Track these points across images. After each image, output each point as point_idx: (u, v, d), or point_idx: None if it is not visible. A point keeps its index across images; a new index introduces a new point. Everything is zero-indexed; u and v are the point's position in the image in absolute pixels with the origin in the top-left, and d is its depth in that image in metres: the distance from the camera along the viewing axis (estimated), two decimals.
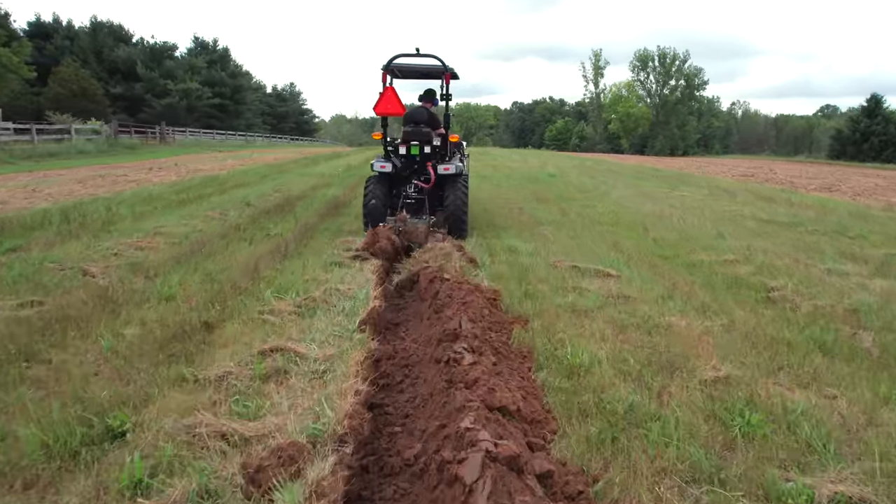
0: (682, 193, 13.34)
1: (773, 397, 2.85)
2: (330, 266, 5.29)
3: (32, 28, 46.46)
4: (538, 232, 7.64)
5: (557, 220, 8.78)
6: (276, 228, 7.30)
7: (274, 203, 9.46)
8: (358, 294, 4.35)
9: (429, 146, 7.07)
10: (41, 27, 46.78)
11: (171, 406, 2.60)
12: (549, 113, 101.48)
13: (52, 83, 38.75)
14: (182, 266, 5.16)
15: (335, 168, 17.72)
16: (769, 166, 31.25)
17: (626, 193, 12.73)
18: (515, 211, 9.67)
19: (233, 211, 8.63)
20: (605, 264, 5.78)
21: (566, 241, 6.98)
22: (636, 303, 4.52)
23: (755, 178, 20.46)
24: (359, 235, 6.92)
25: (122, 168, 16.88)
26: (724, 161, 39.72)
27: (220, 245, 6.16)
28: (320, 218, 8.15)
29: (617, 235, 7.61)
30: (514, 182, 14.96)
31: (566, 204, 10.76)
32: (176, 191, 10.77)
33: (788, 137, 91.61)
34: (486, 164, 21.80)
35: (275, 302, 4.15)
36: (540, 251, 6.31)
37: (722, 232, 8.02)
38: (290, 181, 13.41)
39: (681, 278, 5.40)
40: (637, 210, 10.11)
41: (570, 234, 7.63)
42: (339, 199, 10.12)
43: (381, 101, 6.97)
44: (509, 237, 7.11)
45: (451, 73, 7.21)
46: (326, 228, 7.37)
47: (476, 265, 5.54)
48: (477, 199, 10.83)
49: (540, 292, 4.66)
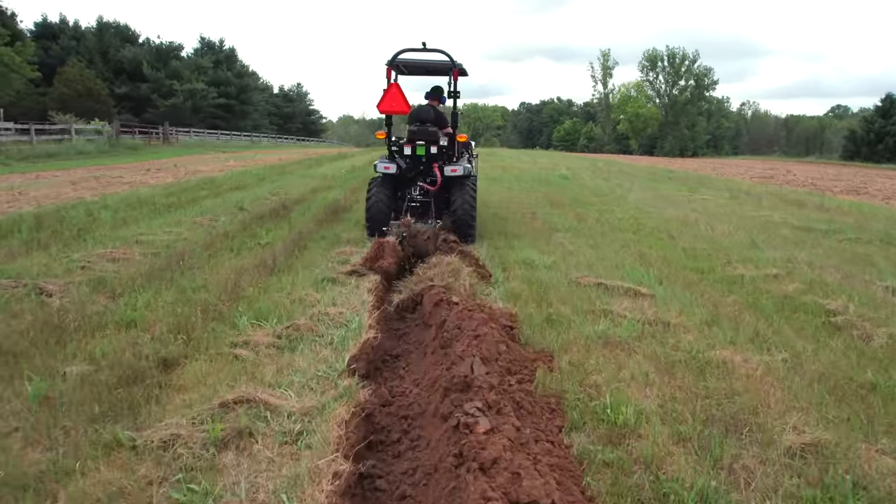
0: (702, 197, 12.60)
1: (887, 476, 2.16)
2: (322, 283, 4.65)
3: (39, 28, 46.38)
4: (555, 240, 6.96)
5: (574, 226, 8.09)
6: (267, 236, 6.67)
7: (269, 208, 8.84)
8: (351, 321, 3.71)
9: (435, 146, 6.70)
10: (48, 27, 46.69)
11: (89, 489, 1.96)
12: (556, 113, 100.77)
13: (57, 83, 38.58)
14: (154, 282, 4.53)
15: (338, 170, 17.11)
16: (785, 167, 30.32)
17: (644, 197, 12.02)
18: (528, 216, 8.99)
19: (224, 216, 8.01)
20: (634, 280, 5.11)
21: (587, 252, 6.30)
22: (678, 331, 3.84)
23: (775, 181, 19.64)
24: (357, 245, 6.28)
25: (120, 169, 16.37)
26: (738, 162, 38.78)
27: (203, 256, 5.53)
28: (317, 224, 7.53)
29: (641, 245, 6.92)
30: (526, 184, 14.28)
31: (582, 208, 10.07)
32: (168, 193, 10.19)
33: (799, 138, 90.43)
34: (494, 166, 21.12)
35: (251, 331, 3.51)
36: (559, 264, 5.63)
37: (756, 241, 7.31)
38: (289, 183, 12.80)
39: (722, 298, 4.70)
40: (659, 215, 9.40)
41: (589, 242, 6.95)
42: (339, 204, 9.50)
43: (386, 99, 6.61)
44: (524, 247, 6.44)
45: (459, 69, 6.80)
46: (323, 237, 6.73)
47: (488, 281, 4.89)
48: (486, 203, 10.17)
49: (564, 317, 3.99)
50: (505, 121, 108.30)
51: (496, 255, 6.01)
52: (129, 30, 50.47)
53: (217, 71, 53.41)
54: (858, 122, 57.94)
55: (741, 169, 27.37)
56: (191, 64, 51.94)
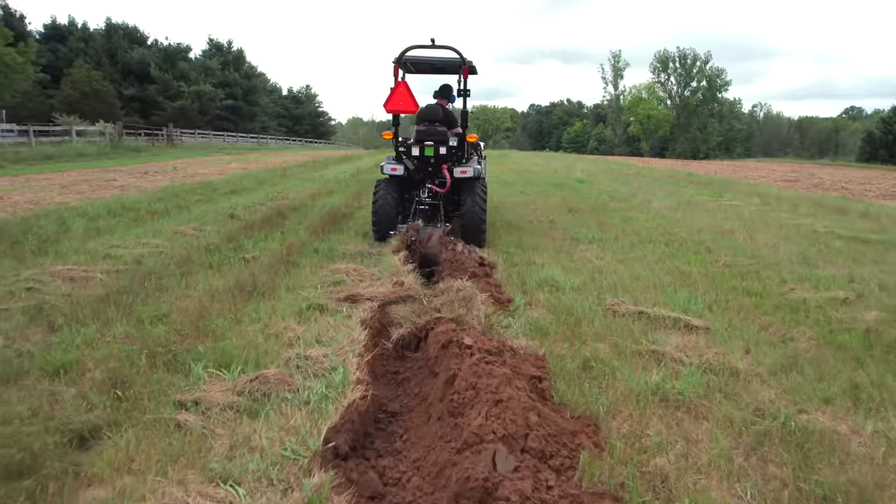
0: (731, 202, 11.69)
1: None
2: (307, 311, 3.87)
3: (48, 30, 46.38)
4: (579, 254, 6.14)
5: (598, 236, 7.26)
6: (255, 249, 5.92)
7: (263, 215, 8.10)
8: (336, 368, 2.92)
9: (444, 147, 6.43)
10: (56, 30, 46.66)
11: None
12: (566, 115, 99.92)
13: (64, 85, 38.35)
14: (107, 310, 3.78)
15: (342, 173, 16.39)
16: (807, 170, 29.19)
17: (668, 203, 11.15)
18: (546, 225, 8.17)
19: (211, 225, 7.28)
20: (679, 306, 4.29)
21: (617, 269, 5.47)
22: (751, 382, 3.02)
23: (801, 185, 18.64)
24: (355, 260, 5.51)
25: (117, 172, 15.77)
26: (758, 165, 37.60)
27: (175, 275, 4.78)
28: (313, 234, 6.76)
29: (677, 259, 6.08)
30: (540, 189, 13.45)
31: (604, 216, 9.23)
32: (157, 198, 9.50)
33: (812, 140, 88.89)
34: (506, 169, 20.33)
35: (207, 383, 2.74)
36: (588, 285, 4.81)
37: (807, 255, 6.44)
38: (289, 187, 12.08)
39: (790, 331, 3.86)
40: (689, 224, 8.54)
41: (617, 256, 6.13)
42: (339, 210, 8.74)
43: (393, 97, 6.36)
44: (545, 263, 5.62)
45: (469, 67, 6.52)
46: (316, 249, 5.97)
47: (506, 308, 4.08)
48: (499, 210, 9.38)
49: (605, 361, 3.18)
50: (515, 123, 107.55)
51: (514, 274, 5.20)
52: (137, 31, 50.33)
53: (225, 72, 53.13)
54: (875, 124, 56.75)
55: (761, 172, 26.31)
56: (198, 65, 51.70)
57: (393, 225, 6.29)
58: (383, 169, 6.51)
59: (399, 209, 6.53)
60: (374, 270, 5.10)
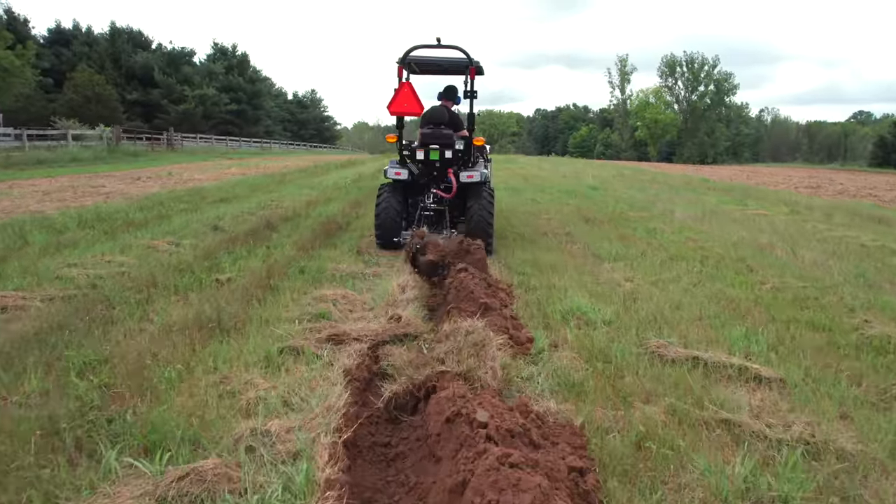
0: (758, 211, 10.85)
1: None
2: (279, 358, 3.09)
3: (52, 34, 46.18)
4: (605, 275, 5.34)
5: (623, 252, 6.46)
6: (232, 269, 5.16)
7: (250, 226, 7.35)
8: (302, 454, 2.13)
9: (450, 150, 6.26)
10: (61, 34, 46.47)
11: None
12: (572, 120, 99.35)
13: (67, 89, 37.97)
14: (24, 356, 3.01)
15: (343, 179, 15.65)
16: (824, 176, 28.23)
17: (692, 212, 10.32)
18: (563, 238, 7.37)
19: (190, 238, 6.53)
20: (737, 347, 3.49)
21: (652, 294, 4.67)
22: (874, 474, 2.21)
23: (824, 191, 17.74)
24: (346, 284, 4.73)
25: (108, 177, 15.11)
26: (772, 170, 36.61)
27: (131, 303, 4.03)
28: (301, 250, 6.00)
29: (717, 280, 5.28)
30: (551, 196, 12.65)
31: (624, 227, 8.42)
32: (139, 207, 8.77)
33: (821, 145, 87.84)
34: (514, 174, 19.54)
35: (118, 482, 1.96)
36: (622, 318, 4.01)
37: (865, 274, 5.61)
38: (285, 195, 11.34)
39: (891, 387, 3.05)
40: (720, 237, 7.71)
41: (649, 277, 5.32)
42: (334, 221, 7.97)
43: (396, 99, 6.17)
44: (567, 286, 4.82)
45: (476, 67, 6.32)
46: (303, 269, 5.20)
47: (527, 351, 3.29)
48: (510, 219, 8.60)
49: (665, 440, 2.37)
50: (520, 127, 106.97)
51: (533, 301, 4.40)
52: (141, 36, 50.12)
53: (229, 76, 52.77)
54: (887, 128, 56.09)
55: (777, 178, 25.39)
56: (202, 70, 51.35)
57: (397, 231, 6.11)
58: (387, 173, 6.31)
59: (403, 215, 6.34)
60: (368, 297, 4.32)
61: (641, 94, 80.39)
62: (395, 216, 6.15)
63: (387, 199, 6.18)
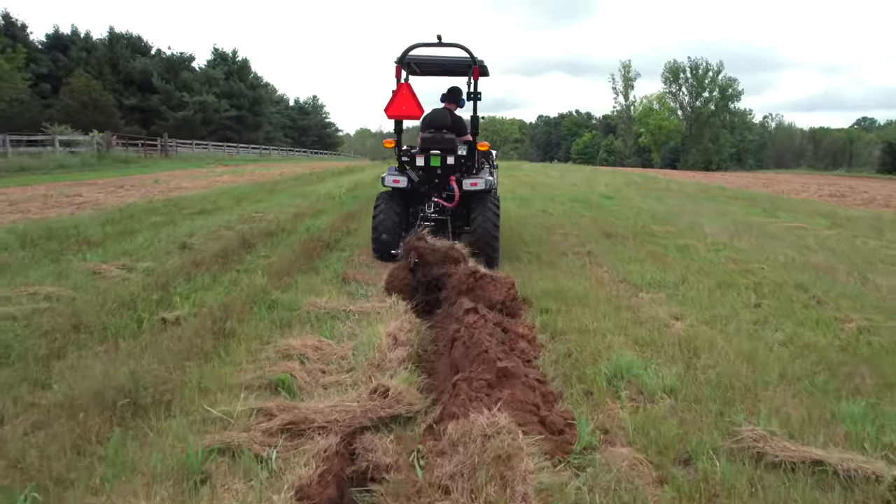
0: (796, 225, 9.81)
1: None
2: (200, 472, 2.07)
3: (50, 40, 45.59)
4: (645, 310, 4.32)
5: (658, 278, 5.43)
6: (186, 303, 4.15)
7: (223, 244, 6.35)
8: None
9: (452, 156, 5.89)
10: (59, 39, 45.85)
11: None
12: (575, 126, 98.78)
13: (63, 94, 37.25)
14: None
15: (339, 187, 14.68)
16: (844, 183, 27.15)
17: (722, 226, 9.29)
18: (585, 259, 6.36)
19: (149, 260, 5.54)
20: (868, 441, 2.45)
21: (714, 341, 3.63)
22: None
23: (850, 200, 16.69)
24: (323, 328, 3.72)
25: (90, 186, 14.19)
26: (787, 177, 35.47)
27: (29, 360, 3.02)
28: (275, 277, 4.98)
29: (783, 317, 4.25)
30: (563, 206, 11.63)
31: (652, 244, 7.40)
32: (105, 221, 7.78)
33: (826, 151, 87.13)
34: (520, 182, 18.54)
35: None
36: (688, 383, 2.97)
37: None
38: (272, 206, 10.35)
39: None
40: (765, 257, 6.68)
41: (699, 313, 4.30)
42: (321, 238, 6.96)
43: (395, 101, 5.81)
44: (603, 329, 3.79)
45: (480, 67, 5.95)
46: (273, 304, 4.19)
47: (567, 449, 2.27)
48: (521, 235, 7.60)
49: None
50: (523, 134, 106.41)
51: (562, 352, 3.37)
52: (141, 41, 49.55)
53: (229, 82, 52.09)
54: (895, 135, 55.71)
55: (794, 185, 24.33)
56: (202, 75, 50.67)
57: (395, 243, 5.73)
58: (384, 181, 5.99)
59: (403, 225, 6.00)
60: (348, 349, 3.30)
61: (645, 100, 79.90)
62: (394, 227, 5.81)
63: (385, 208, 5.85)
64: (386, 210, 5.85)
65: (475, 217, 5.73)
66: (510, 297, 4.10)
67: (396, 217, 5.87)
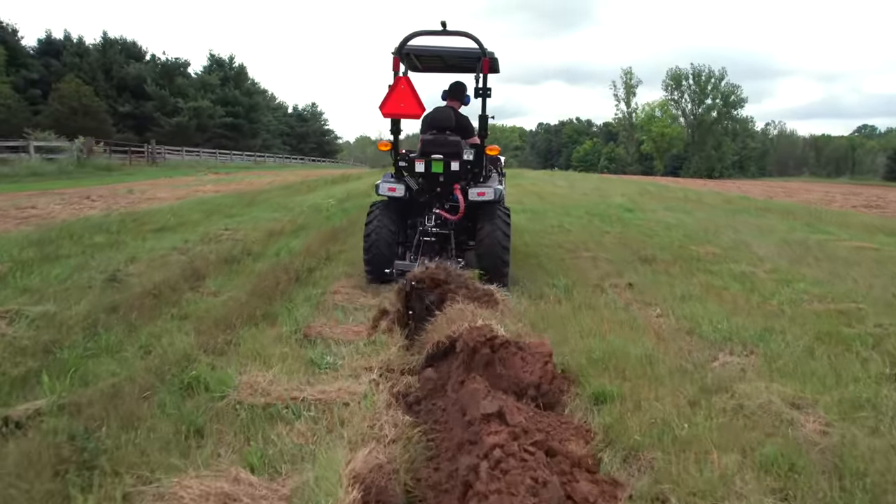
0: (860, 245, 8.40)
1: None
2: None
3: (42, 45, 44.62)
4: (739, 391, 2.90)
5: (735, 328, 4.02)
6: (60, 385, 2.75)
7: (165, 276, 4.94)
8: None
9: (457, 161, 5.18)
10: (51, 44, 44.84)
11: None
12: (576, 134, 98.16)
13: (52, 100, 36.09)
14: None
15: (329, 197, 13.31)
16: (868, 192, 25.79)
17: (770, 244, 7.90)
18: (625, 293, 4.97)
19: (51, 302, 4.12)
20: None
21: (873, 454, 2.23)
22: None
23: (890, 211, 15.33)
24: (246, 448, 2.30)
25: (54, 196, 12.82)
26: (805, 185, 34.16)
27: None
28: (214, 332, 3.57)
29: None
30: (581, 220, 10.24)
31: (702, 272, 5.99)
32: (31, 242, 6.37)
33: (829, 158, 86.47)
34: (526, 192, 17.18)
35: None
36: None
37: None
38: (246, 220, 8.97)
39: None
40: (857, 292, 5.28)
41: (825, 397, 2.90)
42: (292, 266, 5.56)
43: (391, 97, 5.12)
44: (692, 434, 2.39)
45: (490, 60, 5.21)
46: (194, 384, 2.79)
47: None
48: (539, 258, 6.23)
49: None
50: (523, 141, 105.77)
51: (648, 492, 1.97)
52: (135, 46, 48.57)
53: (225, 89, 51.03)
54: None
55: (815, 194, 22.96)
56: (197, 82, 49.63)
57: (390, 261, 5.07)
58: (379, 189, 5.31)
59: (399, 240, 5.33)
60: (282, 499, 1.89)
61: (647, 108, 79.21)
62: (389, 242, 5.10)
63: (378, 221, 5.14)
64: (380, 223, 5.16)
65: (482, 228, 5.05)
66: (547, 377, 2.71)
67: (392, 231, 5.18)
